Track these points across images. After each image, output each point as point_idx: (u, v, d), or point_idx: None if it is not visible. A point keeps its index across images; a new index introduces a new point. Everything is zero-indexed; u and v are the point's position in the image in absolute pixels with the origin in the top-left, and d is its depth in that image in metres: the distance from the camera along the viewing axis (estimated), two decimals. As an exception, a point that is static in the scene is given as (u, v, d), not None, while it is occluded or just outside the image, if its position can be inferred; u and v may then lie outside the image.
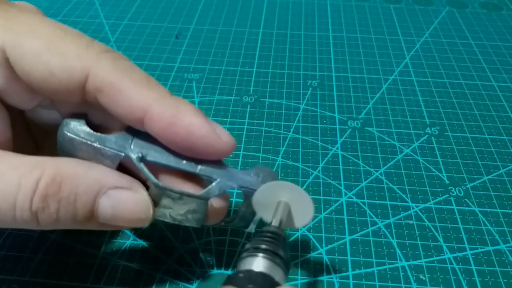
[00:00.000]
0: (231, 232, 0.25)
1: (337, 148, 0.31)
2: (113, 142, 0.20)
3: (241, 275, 0.17)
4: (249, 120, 0.33)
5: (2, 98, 0.19)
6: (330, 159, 0.30)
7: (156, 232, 0.25)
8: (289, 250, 0.20)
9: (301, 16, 0.47)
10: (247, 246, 0.18)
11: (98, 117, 0.20)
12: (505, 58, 0.41)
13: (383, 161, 0.30)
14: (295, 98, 0.35)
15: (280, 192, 0.20)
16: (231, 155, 0.22)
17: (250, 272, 0.17)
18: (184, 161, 0.20)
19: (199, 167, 0.20)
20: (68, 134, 0.20)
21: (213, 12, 0.47)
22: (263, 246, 0.18)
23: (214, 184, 0.20)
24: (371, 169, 0.29)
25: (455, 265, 0.24)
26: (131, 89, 0.18)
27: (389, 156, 0.30)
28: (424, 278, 0.23)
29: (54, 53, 0.18)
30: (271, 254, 0.18)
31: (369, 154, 0.30)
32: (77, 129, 0.20)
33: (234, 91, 0.36)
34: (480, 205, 0.27)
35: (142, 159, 0.20)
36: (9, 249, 0.24)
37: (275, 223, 0.19)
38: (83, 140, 0.19)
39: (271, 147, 0.31)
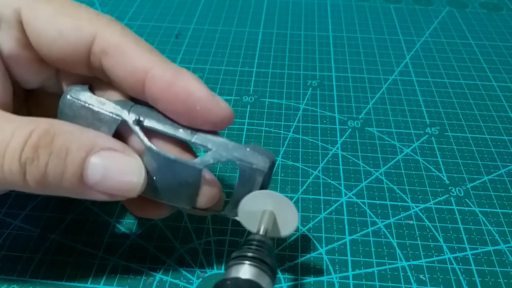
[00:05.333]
0: (231, 232, 0.25)
1: (337, 148, 0.31)
2: (112, 106, 0.20)
3: (228, 282, 0.17)
4: (249, 120, 0.33)
5: (9, 68, 0.20)
6: (330, 159, 0.30)
7: (156, 232, 0.25)
8: (275, 257, 0.20)
9: (301, 16, 0.47)
10: (234, 254, 0.18)
11: (101, 90, 0.21)
12: (505, 58, 0.41)
13: (383, 161, 0.30)
14: (295, 98, 0.35)
15: (264, 202, 0.20)
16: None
17: (237, 280, 0.17)
18: (181, 129, 0.20)
19: (195, 136, 0.20)
20: (69, 97, 0.20)
21: (213, 12, 0.47)
22: (250, 254, 0.18)
23: (209, 153, 0.19)
24: (371, 169, 0.29)
25: (455, 265, 0.24)
26: (135, 52, 0.19)
27: (389, 156, 0.30)
28: (424, 278, 0.23)
29: (65, 16, 0.19)
30: (258, 262, 0.18)
31: (369, 154, 0.30)
32: (79, 93, 0.20)
33: (234, 91, 0.36)
34: (480, 205, 0.27)
35: (138, 122, 0.20)
36: (9, 249, 0.24)
37: (261, 232, 0.19)
38: (83, 103, 0.20)
39: (271, 147, 0.31)
